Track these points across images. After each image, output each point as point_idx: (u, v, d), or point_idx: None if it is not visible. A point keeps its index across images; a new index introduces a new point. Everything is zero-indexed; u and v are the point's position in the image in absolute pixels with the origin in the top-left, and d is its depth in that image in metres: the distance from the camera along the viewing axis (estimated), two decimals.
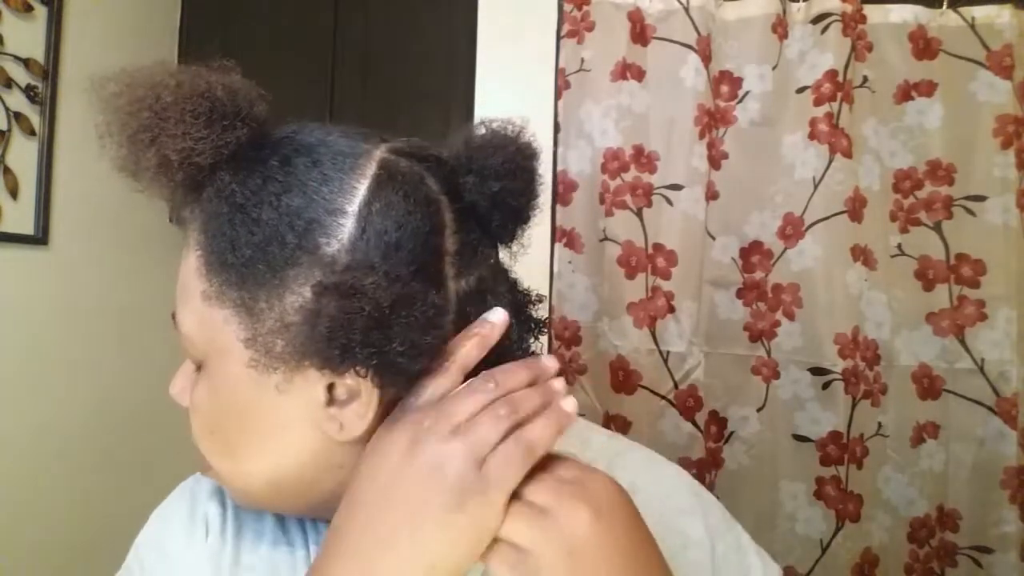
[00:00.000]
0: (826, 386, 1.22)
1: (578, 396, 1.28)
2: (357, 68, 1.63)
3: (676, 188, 1.28)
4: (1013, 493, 1.20)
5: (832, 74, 1.23)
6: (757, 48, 1.29)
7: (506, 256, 0.46)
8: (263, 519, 0.48)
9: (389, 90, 1.60)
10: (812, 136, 1.24)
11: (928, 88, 1.26)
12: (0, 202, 1.31)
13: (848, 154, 1.23)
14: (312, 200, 0.38)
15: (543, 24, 1.31)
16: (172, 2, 1.76)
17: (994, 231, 1.23)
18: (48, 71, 1.39)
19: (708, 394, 1.28)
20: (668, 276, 1.27)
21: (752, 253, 1.29)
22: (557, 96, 1.29)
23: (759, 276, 1.28)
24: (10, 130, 1.33)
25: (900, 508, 1.25)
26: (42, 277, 1.41)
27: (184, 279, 0.41)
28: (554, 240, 1.29)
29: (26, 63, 1.35)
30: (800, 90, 1.26)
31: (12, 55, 1.32)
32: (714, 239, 1.30)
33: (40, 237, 1.39)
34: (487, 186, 0.42)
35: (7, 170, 1.32)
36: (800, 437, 1.24)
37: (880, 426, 1.25)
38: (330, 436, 0.39)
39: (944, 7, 1.27)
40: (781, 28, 1.28)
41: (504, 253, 0.46)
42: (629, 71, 1.28)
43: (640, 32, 1.29)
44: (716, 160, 1.30)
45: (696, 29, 1.27)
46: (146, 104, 0.38)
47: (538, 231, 0.47)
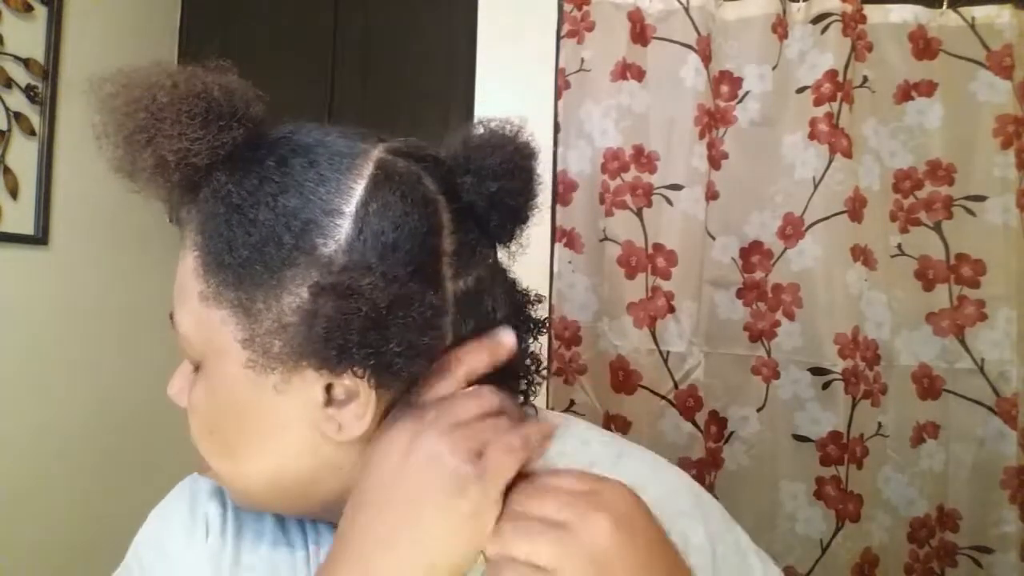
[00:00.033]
0: (826, 386, 1.22)
1: (578, 396, 1.28)
2: (357, 68, 1.63)
3: (676, 188, 1.28)
4: (1013, 493, 1.20)
5: (832, 74, 1.23)
6: (757, 48, 1.29)
7: (505, 256, 0.46)
8: (263, 519, 0.48)
9: (389, 90, 1.60)
10: (812, 136, 1.24)
11: (928, 88, 1.26)
12: (0, 202, 1.31)
13: (848, 154, 1.23)
14: (309, 201, 0.38)
15: (543, 24, 1.31)
16: (172, 2, 1.76)
17: (994, 231, 1.23)
18: (48, 71, 1.39)
19: (708, 394, 1.28)
20: (668, 276, 1.27)
21: (752, 253, 1.29)
22: (557, 96, 1.29)
23: (759, 276, 1.28)
24: (10, 130, 1.33)
25: (900, 508, 1.24)
26: (42, 277, 1.41)
27: (181, 280, 0.41)
28: (554, 240, 1.29)
29: (26, 63, 1.35)
30: (800, 90, 1.26)
31: (12, 55, 1.32)
32: (714, 239, 1.30)
33: (40, 237, 1.39)
34: (485, 186, 0.42)
35: (7, 170, 1.32)
36: (800, 437, 1.24)
37: (880, 426, 1.25)
38: (329, 437, 0.39)
39: (944, 7, 1.27)
40: (781, 28, 1.28)
41: (503, 253, 0.46)
42: (629, 71, 1.28)
43: (640, 32, 1.29)
44: (716, 160, 1.30)
45: (696, 29, 1.27)
46: (142, 105, 0.38)
47: (538, 231, 0.47)
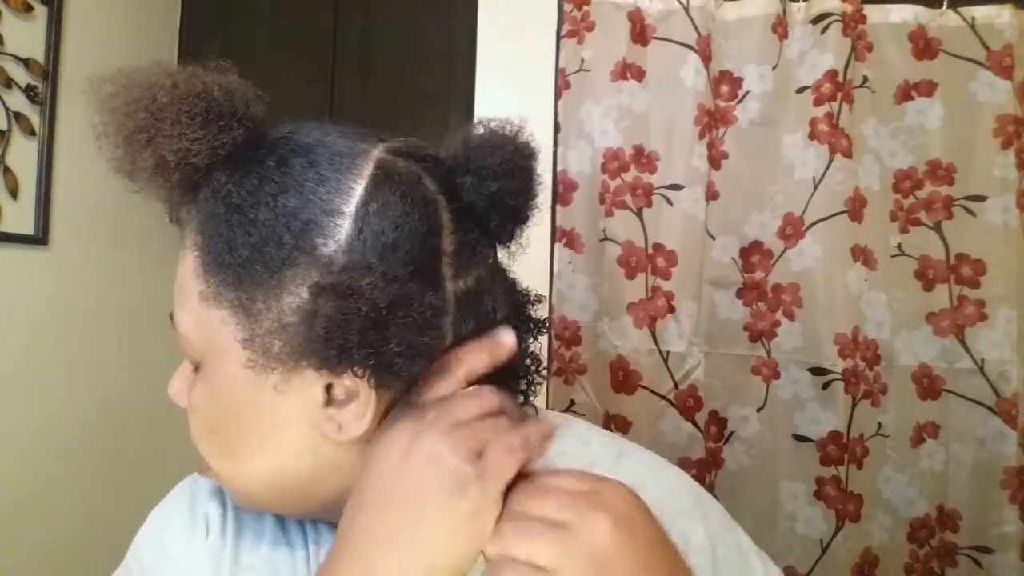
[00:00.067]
0: (826, 386, 1.22)
1: (578, 396, 1.28)
2: (357, 68, 1.63)
3: (676, 188, 1.28)
4: (1013, 493, 1.20)
5: (832, 74, 1.23)
6: (757, 48, 1.29)
7: (505, 256, 0.46)
8: (263, 519, 0.48)
9: (389, 90, 1.60)
10: (812, 136, 1.24)
11: (928, 88, 1.26)
12: (0, 202, 1.31)
13: (848, 154, 1.23)
14: (309, 201, 0.38)
15: (543, 24, 1.31)
16: (172, 2, 1.76)
17: (994, 231, 1.23)
18: (48, 71, 1.39)
19: (708, 394, 1.28)
20: (668, 276, 1.27)
21: (752, 253, 1.29)
22: (557, 96, 1.29)
23: (759, 276, 1.28)
24: (10, 130, 1.33)
25: (900, 508, 1.24)
26: (42, 277, 1.41)
27: (181, 279, 0.41)
28: (554, 240, 1.29)
29: (26, 63, 1.35)
30: (800, 90, 1.26)
31: (12, 55, 1.32)
32: (714, 239, 1.30)
33: (40, 237, 1.39)
34: (485, 186, 0.42)
35: (7, 170, 1.32)
36: (800, 437, 1.24)
37: (880, 426, 1.25)
38: (329, 437, 0.39)
39: (944, 7, 1.27)
40: (781, 28, 1.28)
41: (503, 253, 0.46)
42: (629, 71, 1.28)
43: (640, 32, 1.29)
44: (716, 160, 1.30)
45: (696, 29, 1.27)
46: (142, 105, 0.38)
47: (538, 231, 0.47)
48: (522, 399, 0.46)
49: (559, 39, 1.30)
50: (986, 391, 1.23)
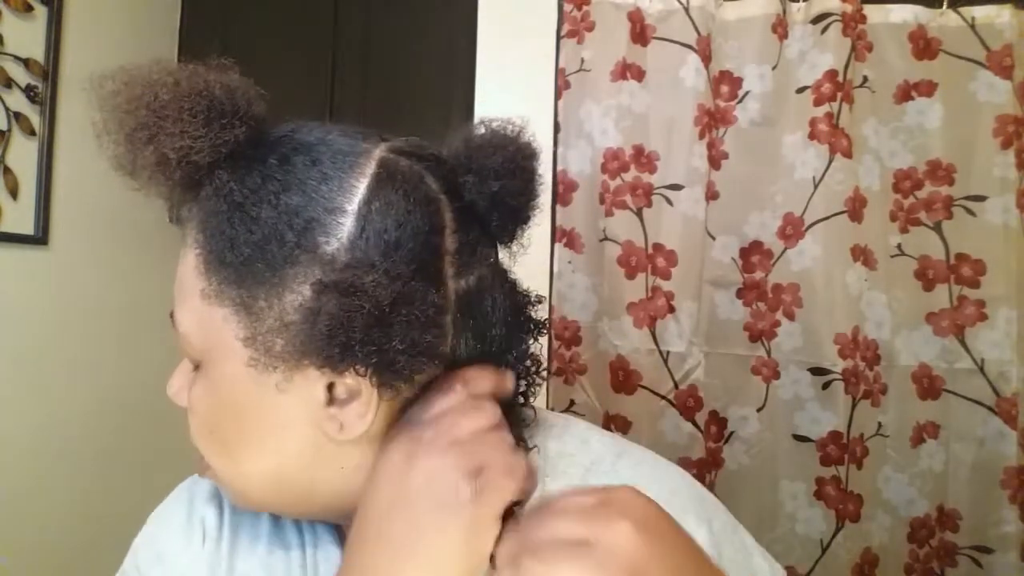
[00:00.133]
0: (826, 386, 1.22)
1: (578, 396, 1.28)
2: (357, 68, 1.63)
3: (676, 188, 1.28)
4: (1013, 493, 1.20)
5: (832, 74, 1.23)
6: (757, 48, 1.28)
7: (506, 256, 0.46)
8: (259, 522, 0.48)
9: (389, 90, 1.60)
10: (812, 136, 1.24)
11: (928, 88, 1.26)
12: (0, 202, 1.31)
13: (848, 154, 1.23)
14: (311, 199, 0.38)
15: (543, 24, 1.31)
16: (172, 2, 1.76)
17: (994, 231, 1.23)
18: (48, 71, 1.39)
19: (708, 394, 1.28)
20: (668, 276, 1.27)
21: (752, 253, 1.29)
22: (557, 96, 1.29)
23: (759, 276, 1.28)
24: (10, 130, 1.33)
25: (900, 508, 1.24)
26: (42, 277, 1.41)
27: (182, 278, 0.41)
28: (554, 240, 1.29)
29: (26, 63, 1.35)
30: (800, 90, 1.26)
31: (12, 55, 1.32)
32: (714, 239, 1.30)
33: (40, 237, 1.39)
34: (487, 186, 0.42)
35: (7, 170, 1.32)
36: (800, 437, 1.24)
37: (880, 426, 1.25)
38: (330, 436, 0.39)
39: (944, 7, 1.27)
40: (781, 28, 1.28)
41: (504, 253, 0.46)
42: (629, 71, 1.28)
43: (640, 32, 1.29)
44: (716, 160, 1.30)
45: (696, 29, 1.27)
46: (144, 102, 0.38)
47: (538, 231, 0.47)
48: (522, 399, 0.46)
49: (559, 39, 1.30)
50: (986, 391, 1.23)
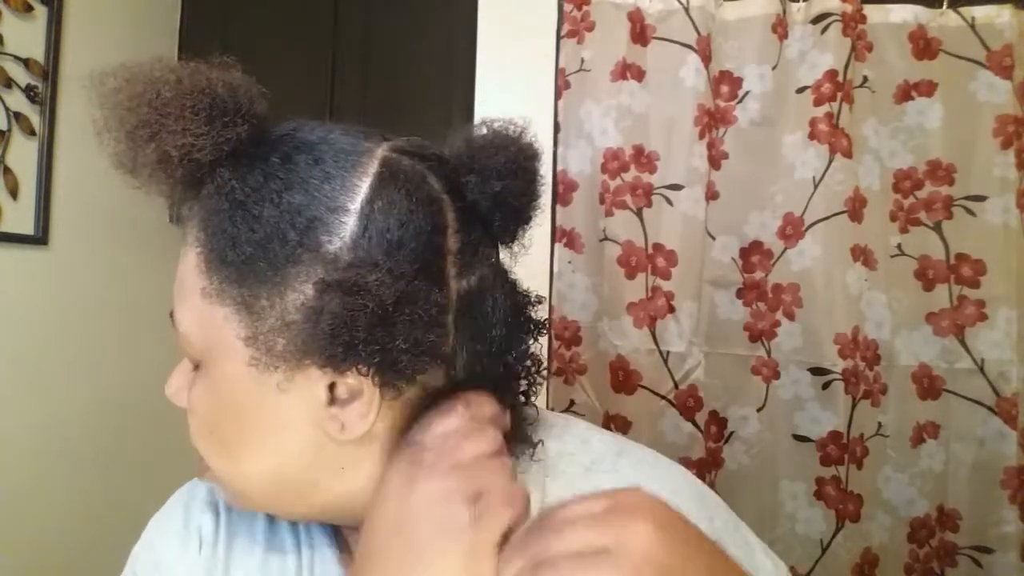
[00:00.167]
0: (826, 386, 1.22)
1: (578, 396, 1.28)
2: (357, 68, 1.63)
3: (676, 188, 1.28)
4: (1013, 493, 1.20)
5: (832, 74, 1.23)
6: (757, 48, 1.28)
7: (507, 256, 0.46)
8: (254, 526, 0.48)
9: (389, 90, 1.60)
10: (812, 136, 1.24)
11: (928, 88, 1.26)
12: (0, 202, 1.31)
13: (848, 154, 1.23)
14: (314, 197, 0.37)
15: (543, 24, 1.31)
16: (172, 2, 1.76)
17: (994, 231, 1.23)
18: (48, 71, 1.39)
19: (708, 394, 1.28)
20: (668, 276, 1.27)
21: (752, 253, 1.29)
22: (557, 96, 1.29)
23: (759, 276, 1.28)
24: (10, 130, 1.33)
25: (900, 508, 1.24)
26: (42, 277, 1.41)
27: (183, 277, 0.40)
28: (554, 240, 1.29)
29: (26, 63, 1.35)
30: (800, 90, 1.26)
31: (12, 55, 1.32)
32: (714, 239, 1.30)
33: (40, 237, 1.39)
34: (489, 186, 0.42)
35: (7, 170, 1.32)
36: (800, 437, 1.24)
37: (880, 426, 1.25)
38: (332, 436, 0.39)
39: (944, 7, 1.27)
40: (781, 28, 1.28)
41: (505, 253, 0.46)
42: (629, 71, 1.28)
43: (640, 32, 1.29)
44: (716, 160, 1.30)
45: (696, 29, 1.27)
46: (146, 100, 0.38)
47: (538, 231, 0.47)
48: (523, 399, 0.46)
49: (559, 39, 1.30)
50: (986, 391, 1.23)
